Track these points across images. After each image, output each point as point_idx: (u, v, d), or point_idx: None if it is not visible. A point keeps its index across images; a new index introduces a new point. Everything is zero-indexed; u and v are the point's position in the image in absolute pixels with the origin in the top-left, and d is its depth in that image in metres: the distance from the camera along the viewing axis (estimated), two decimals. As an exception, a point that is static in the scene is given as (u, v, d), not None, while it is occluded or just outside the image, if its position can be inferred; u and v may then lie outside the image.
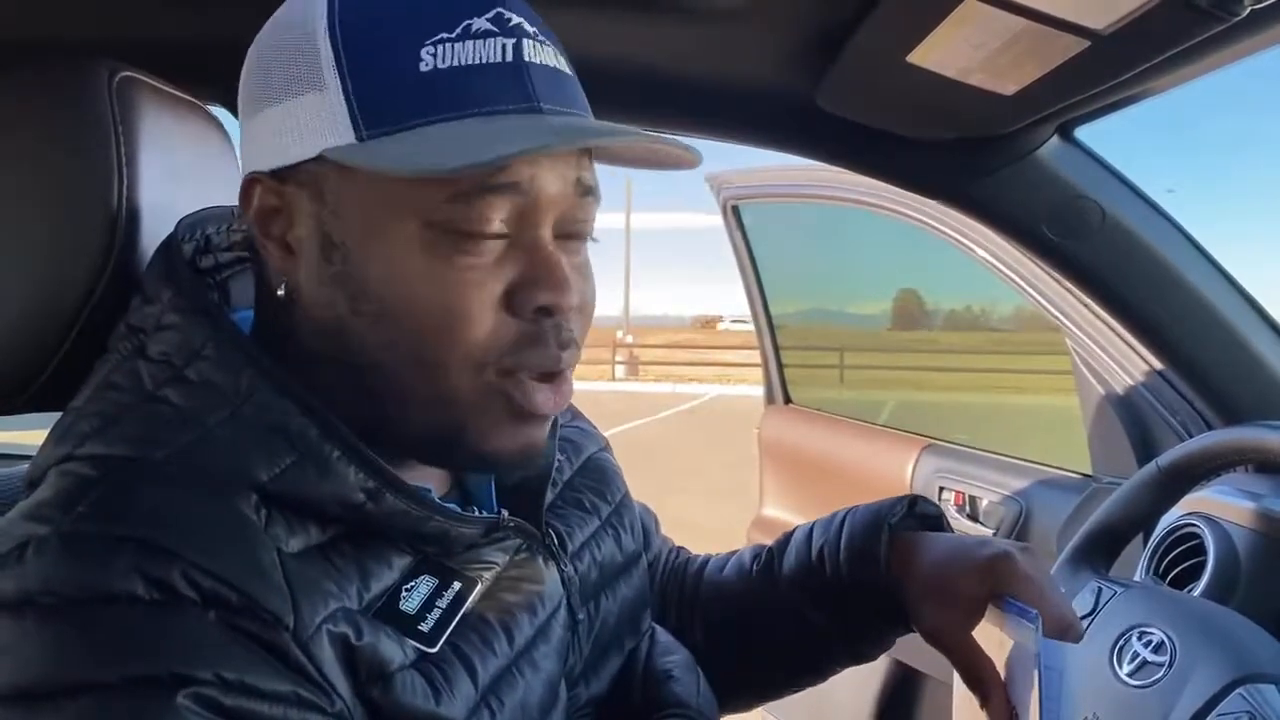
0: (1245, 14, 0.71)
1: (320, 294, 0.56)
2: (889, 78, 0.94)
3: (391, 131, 0.52)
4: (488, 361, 0.55)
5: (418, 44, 0.52)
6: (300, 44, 0.55)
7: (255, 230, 0.58)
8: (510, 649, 0.59)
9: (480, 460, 0.60)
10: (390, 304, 0.54)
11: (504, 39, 0.53)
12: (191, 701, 0.45)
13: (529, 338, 0.56)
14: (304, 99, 0.54)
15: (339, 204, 0.55)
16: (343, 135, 0.53)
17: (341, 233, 0.55)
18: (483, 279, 0.54)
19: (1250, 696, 0.76)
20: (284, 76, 0.55)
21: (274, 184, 0.56)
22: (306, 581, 0.51)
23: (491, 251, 0.54)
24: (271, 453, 0.53)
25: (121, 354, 0.57)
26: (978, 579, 0.71)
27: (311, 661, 0.49)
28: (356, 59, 0.53)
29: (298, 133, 0.54)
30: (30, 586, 0.46)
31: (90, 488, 0.51)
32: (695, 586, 0.89)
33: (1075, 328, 1.45)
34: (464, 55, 0.53)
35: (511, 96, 0.53)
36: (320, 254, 0.56)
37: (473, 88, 0.53)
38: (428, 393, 0.56)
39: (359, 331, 0.55)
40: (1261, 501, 0.99)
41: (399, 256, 0.54)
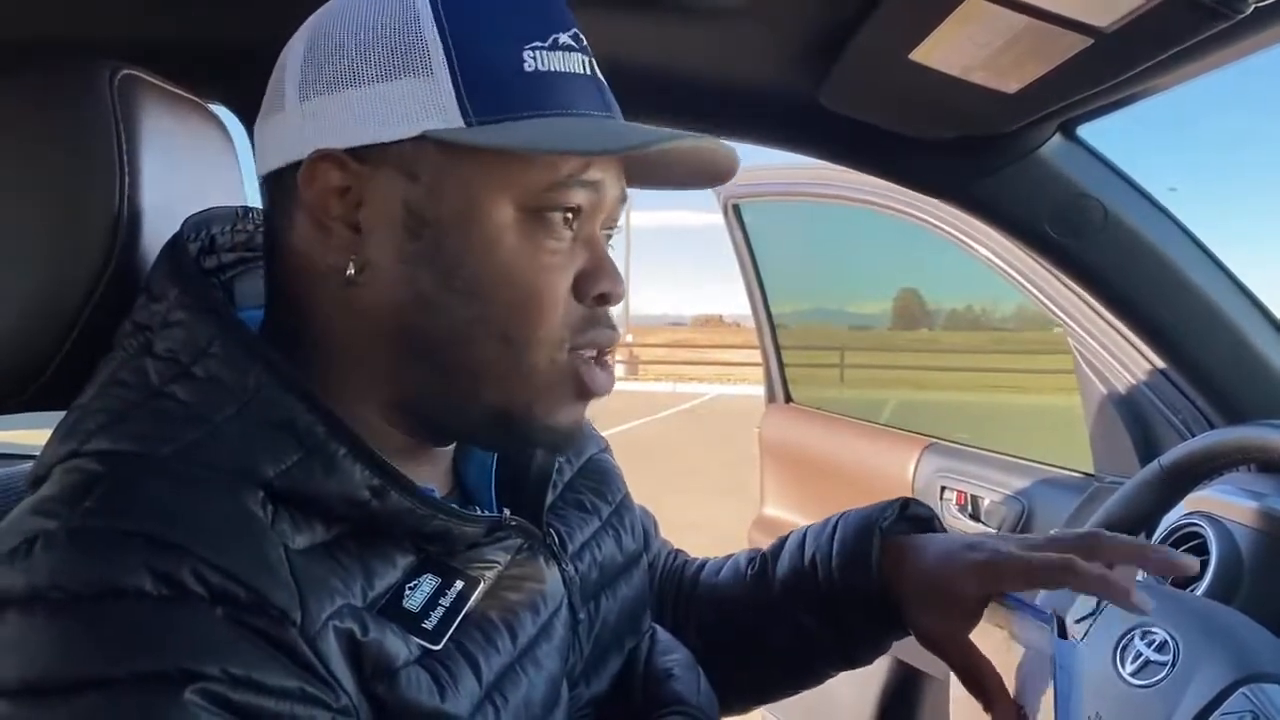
0: (1249, 11, 0.71)
1: (399, 272, 0.58)
2: (891, 76, 0.94)
3: (499, 120, 0.56)
4: (563, 340, 0.60)
5: (520, 46, 0.57)
6: (401, 32, 0.57)
7: (314, 209, 0.58)
8: (513, 647, 0.59)
9: (540, 436, 0.63)
10: (482, 282, 0.57)
11: (581, 55, 0.60)
12: (199, 697, 0.45)
13: (594, 321, 0.61)
14: (403, 83, 0.56)
15: (437, 184, 0.57)
16: (450, 119, 0.56)
17: (436, 211, 0.57)
18: (562, 264, 0.59)
19: (1253, 696, 0.76)
20: (375, 60, 0.57)
21: (351, 162, 0.57)
22: (313, 578, 0.51)
23: (567, 240, 0.59)
24: (278, 449, 0.53)
25: (128, 351, 0.57)
26: (971, 581, 0.72)
27: (318, 657, 0.49)
28: (465, 52, 0.56)
29: (392, 115, 0.56)
30: (39, 581, 0.46)
31: (97, 483, 0.51)
32: (692, 589, 0.90)
33: (1077, 326, 1.45)
34: (556, 63, 0.58)
35: (595, 103, 0.59)
36: (406, 232, 0.57)
37: (565, 91, 0.58)
38: (509, 368, 0.59)
39: (448, 307, 0.58)
40: (1264, 501, 0.99)
41: (494, 237, 0.57)
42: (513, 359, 0.59)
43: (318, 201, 0.58)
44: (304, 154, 0.57)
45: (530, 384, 0.60)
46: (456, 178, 0.57)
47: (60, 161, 0.63)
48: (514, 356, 0.59)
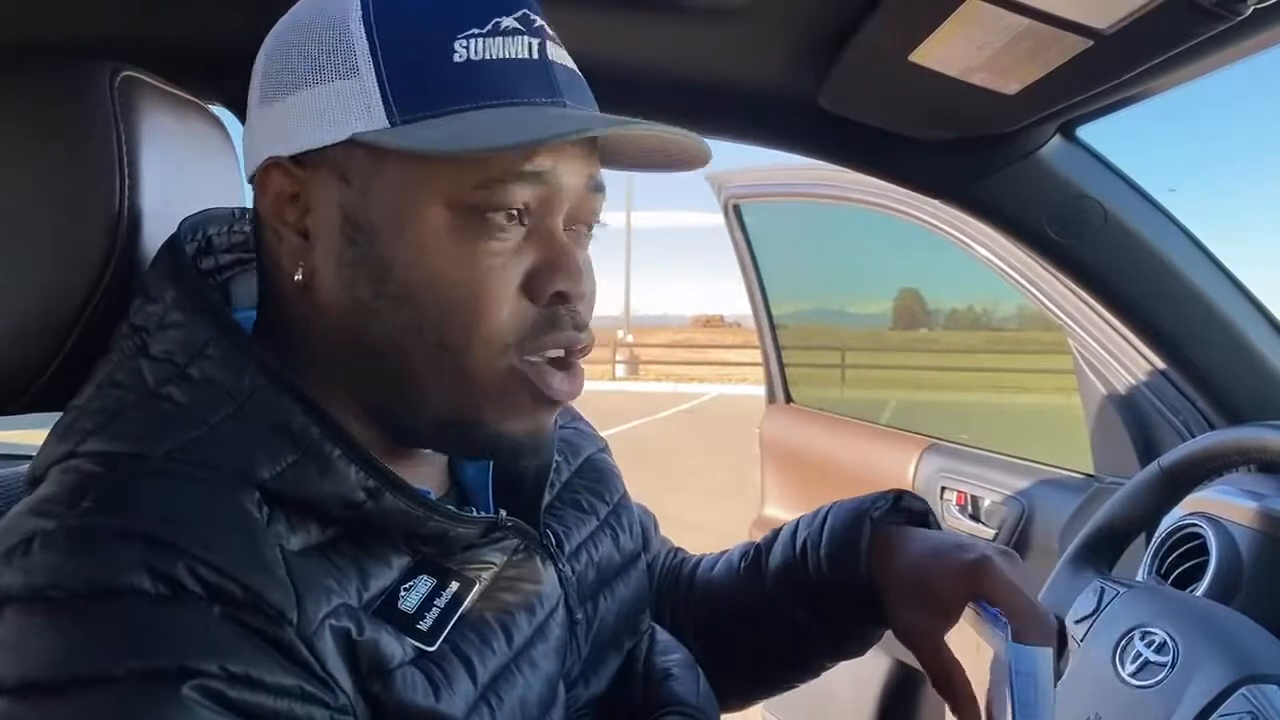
0: (1248, 13, 0.71)
1: (341, 277, 0.57)
2: (891, 77, 0.94)
3: (424, 117, 0.54)
4: (509, 344, 0.57)
5: (451, 36, 0.54)
6: (330, 32, 0.56)
7: (269, 217, 0.59)
8: (509, 648, 0.59)
9: (495, 444, 0.60)
10: (415, 286, 0.56)
11: (530, 37, 0.56)
12: (197, 694, 0.45)
13: (546, 322, 0.58)
14: (333, 85, 0.55)
15: (367, 186, 0.56)
16: (375, 120, 0.54)
17: (367, 215, 0.56)
18: (505, 264, 0.56)
19: (1253, 697, 0.76)
20: (310, 64, 0.56)
21: (295, 169, 0.57)
22: (309, 578, 0.51)
23: (513, 238, 0.56)
24: (273, 451, 0.53)
25: (124, 353, 0.57)
26: (955, 582, 0.71)
27: (315, 656, 0.49)
28: (390, 47, 0.55)
29: (325, 117, 0.56)
30: (37, 581, 0.47)
31: (95, 483, 0.51)
32: (689, 586, 0.90)
33: (1077, 327, 1.45)
34: (494, 49, 0.55)
35: (539, 90, 0.56)
36: (343, 237, 0.57)
37: (503, 79, 0.55)
38: (449, 375, 0.57)
39: (382, 314, 0.56)
40: (1264, 501, 0.99)
41: (426, 239, 0.55)
42: (452, 366, 0.56)
43: (271, 209, 0.58)
44: (259, 161, 0.58)
45: (474, 391, 0.57)
46: (384, 180, 0.56)
47: (60, 162, 0.63)
48: (453, 363, 0.56)
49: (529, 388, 0.58)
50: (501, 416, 0.58)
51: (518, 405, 0.58)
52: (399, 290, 0.56)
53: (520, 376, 0.58)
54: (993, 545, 0.73)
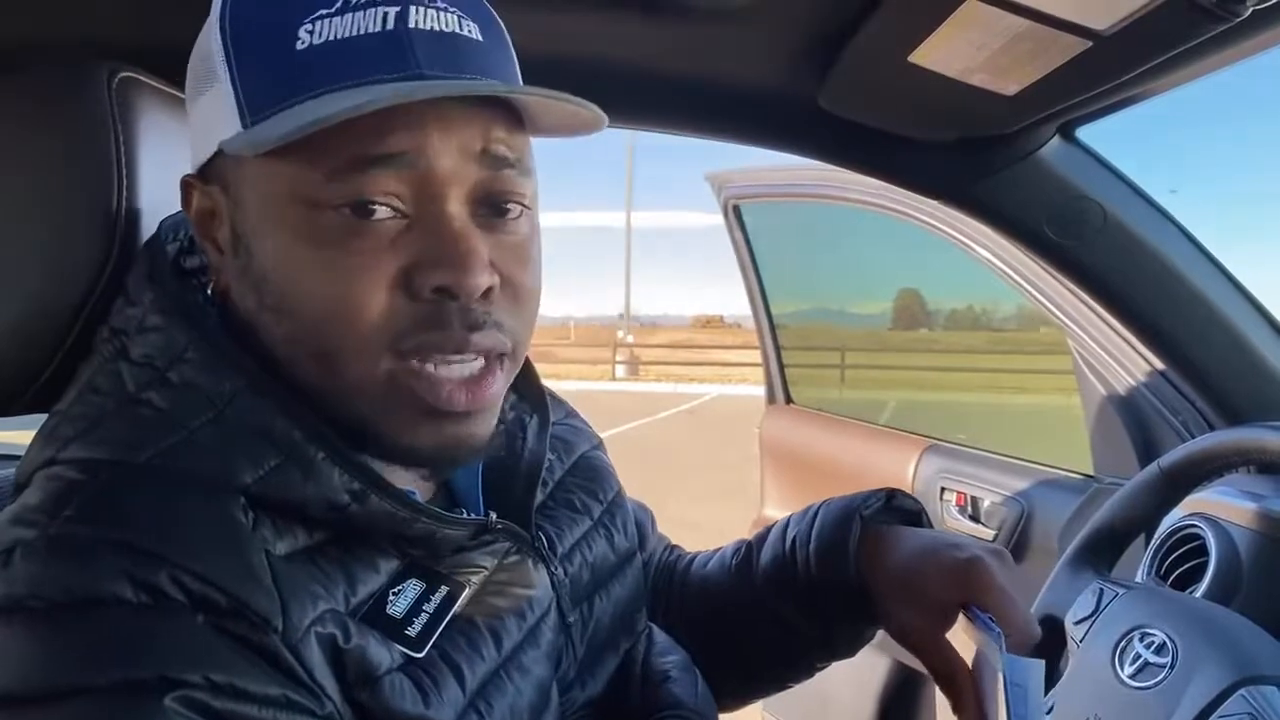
0: (1247, 14, 0.71)
1: (237, 291, 0.57)
2: (890, 78, 0.93)
3: (271, 114, 0.51)
4: (383, 347, 0.53)
5: (296, 23, 0.52)
6: (204, 44, 0.56)
7: (196, 234, 0.59)
8: (498, 654, 0.59)
9: (403, 456, 0.57)
10: (286, 294, 0.53)
11: (386, 7, 0.52)
12: (180, 705, 0.45)
13: (429, 320, 0.53)
14: (207, 96, 0.55)
15: (239, 196, 0.55)
16: (232, 125, 0.53)
17: (243, 226, 0.55)
18: (374, 261, 0.52)
19: (1252, 698, 0.76)
20: (194, 77, 0.56)
21: (201, 185, 0.57)
22: (295, 584, 0.50)
23: (385, 232, 0.52)
24: (256, 455, 0.53)
25: (104, 356, 0.57)
26: (948, 583, 0.69)
27: (301, 664, 0.49)
28: (241, 46, 0.53)
29: (203, 130, 0.56)
30: (18, 591, 0.46)
31: (76, 491, 0.50)
32: (683, 583, 0.89)
33: (1077, 328, 1.45)
34: (341, 29, 0.51)
35: (387, 65, 0.51)
36: (232, 249, 0.56)
37: (348, 59, 0.51)
38: (332, 386, 0.54)
39: (268, 326, 0.55)
40: (1263, 503, 0.99)
41: (288, 243, 0.53)
42: (332, 376, 0.54)
43: (196, 225, 0.59)
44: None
45: (360, 402, 0.54)
46: (246, 186, 0.54)
47: (59, 163, 0.63)
48: (332, 373, 0.53)
49: (412, 396, 0.54)
50: (399, 428, 0.55)
51: (411, 417, 0.54)
52: (275, 300, 0.54)
53: (403, 386, 0.53)
54: (985, 545, 0.71)
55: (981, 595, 0.68)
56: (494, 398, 0.57)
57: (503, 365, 0.57)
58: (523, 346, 0.59)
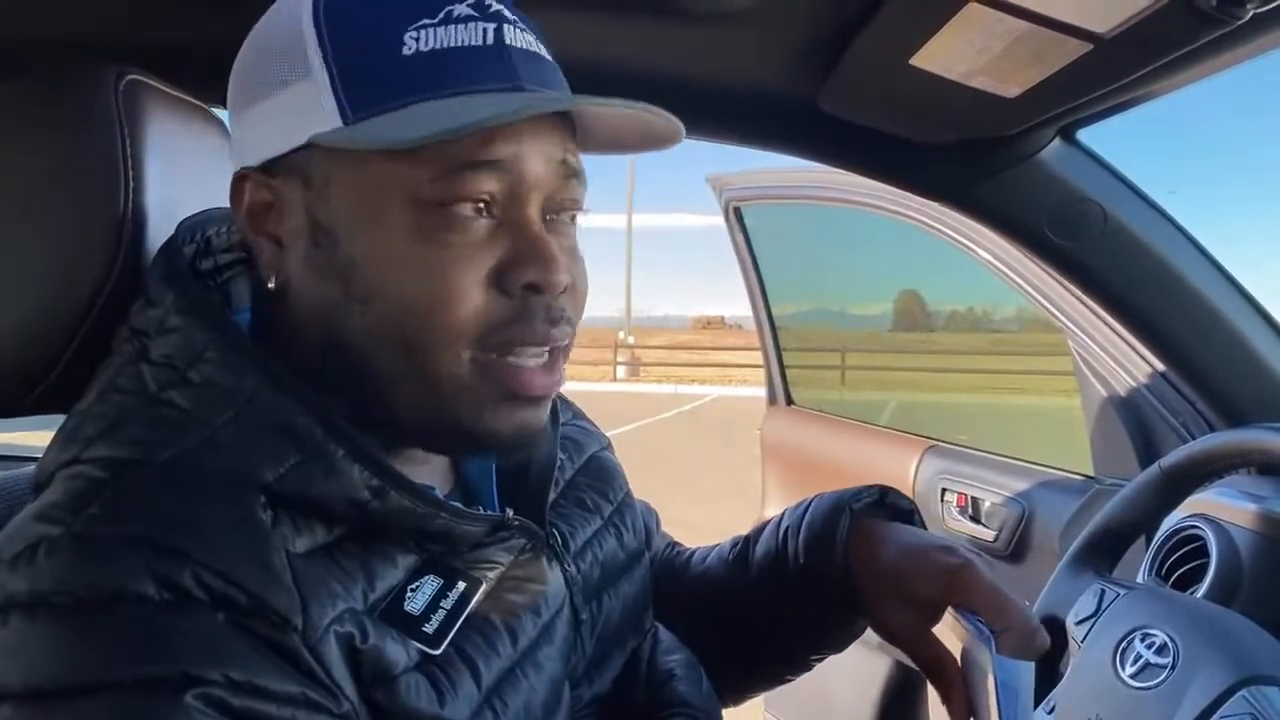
0: (1247, 18, 0.71)
1: (311, 282, 0.57)
2: (892, 80, 0.94)
3: (376, 113, 0.54)
4: (471, 339, 0.55)
5: (401, 29, 0.54)
6: (286, 37, 0.56)
7: (247, 228, 0.59)
8: (514, 650, 0.59)
9: (476, 442, 0.60)
10: (379, 286, 0.55)
11: (485, 23, 0.55)
12: (200, 702, 0.45)
13: (518, 315, 0.56)
14: (291, 89, 0.56)
15: (327, 189, 0.56)
16: (330, 120, 0.54)
17: (330, 217, 0.56)
18: (470, 257, 0.55)
19: (1253, 698, 0.76)
20: (271, 71, 0.57)
21: (263, 178, 0.58)
22: (314, 582, 0.51)
23: (478, 231, 0.55)
24: (277, 453, 0.53)
25: (125, 357, 0.57)
26: (936, 583, 0.70)
27: (319, 663, 0.49)
28: (341, 45, 0.54)
29: (286, 123, 0.56)
30: (43, 587, 0.47)
31: (101, 489, 0.51)
32: (682, 578, 0.89)
33: (1077, 329, 1.45)
34: (446, 39, 0.54)
35: (494, 76, 0.55)
36: (310, 241, 0.57)
37: (455, 68, 0.54)
38: (417, 374, 0.56)
39: (351, 316, 0.56)
40: (1264, 503, 1.00)
41: (386, 238, 0.55)
42: (419, 365, 0.56)
43: (246, 219, 0.59)
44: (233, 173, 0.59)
45: (445, 390, 0.56)
46: (341, 181, 0.56)
47: (65, 165, 0.63)
48: (420, 363, 0.56)
49: (498, 384, 0.57)
50: (477, 415, 0.57)
51: (491, 402, 0.57)
52: (362, 291, 0.55)
53: (487, 372, 0.56)
54: (974, 551, 0.72)
55: (970, 598, 0.68)
56: (560, 386, 0.61)
57: (564, 357, 0.61)
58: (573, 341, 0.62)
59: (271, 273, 0.58)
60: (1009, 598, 0.68)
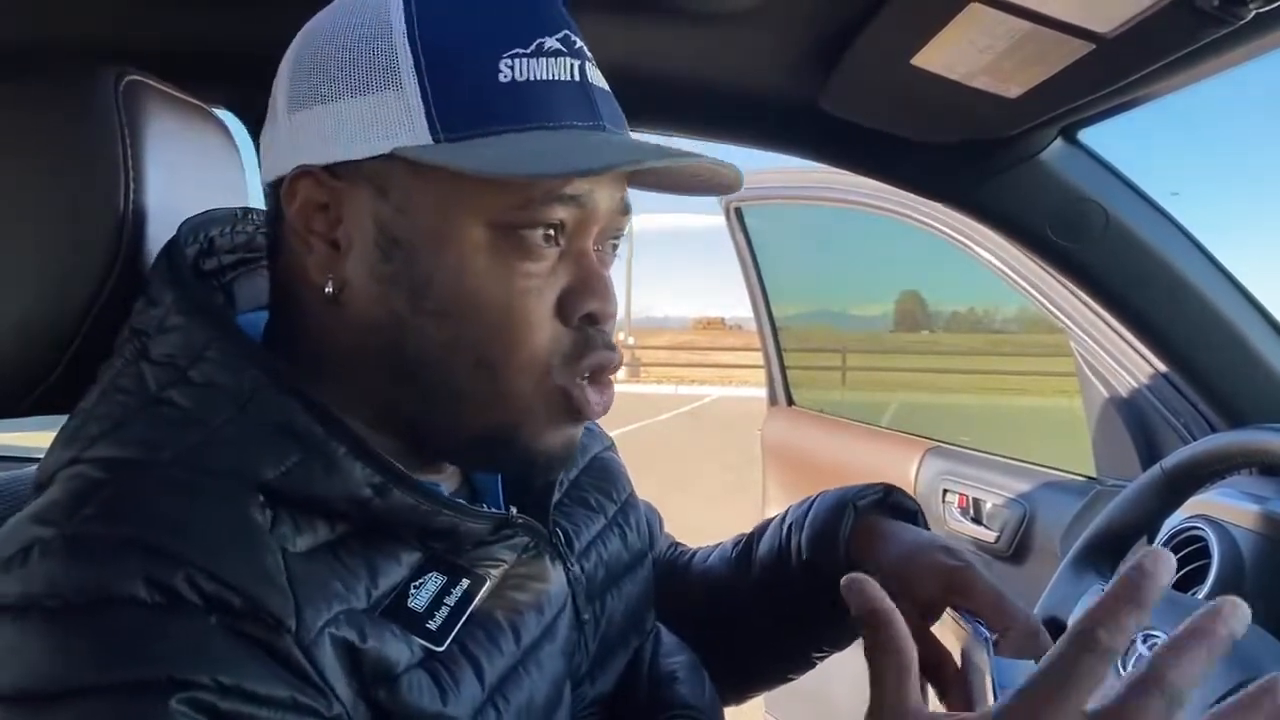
0: (1249, 17, 0.71)
1: (374, 291, 0.57)
2: (893, 80, 0.94)
3: (469, 136, 0.54)
4: (549, 365, 0.57)
5: (496, 56, 0.54)
6: (372, 43, 0.55)
7: (297, 226, 0.58)
8: (517, 648, 0.59)
9: (528, 459, 0.60)
10: (453, 304, 0.56)
11: (572, 59, 0.56)
12: (187, 706, 0.45)
13: (582, 343, 0.58)
14: (373, 98, 0.55)
15: (406, 202, 0.55)
16: (418, 135, 0.54)
17: (406, 230, 0.56)
18: (541, 285, 0.56)
19: (1255, 700, 0.76)
20: (349, 73, 0.56)
21: (328, 179, 0.57)
22: (312, 583, 0.51)
23: (548, 259, 0.57)
24: (277, 451, 0.53)
25: (126, 357, 0.57)
26: (937, 583, 0.70)
27: (312, 665, 0.49)
28: (436, 64, 0.54)
29: (365, 129, 0.55)
30: (34, 589, 0.46)
31: (97, 490, 0.51)
32: (685, 577, 0.89)
33: (1079, 330, 1.45)
34: (539, 71, 0.55)
35: (581, 114, 0.56)
36: (378, 250, 0.56)
37: (547, 101, 0.55)
38: (487, 393, 0.57)
39: (420, 329, 0.56)
40: (1266, 504, 0.99)
41: (465, 257, 0.55)
42: (492, 383, 0.57)
43: (299, 217, 0.58)
44: (288, 168, 0.57)
45: (514, 408, 0.58)
46: (426, 196, 0.55)
47: (65, 166, 0.63)
48: (493, 381, 0.57)
49: (566, 405, 0.58)
50: (537, 432, 0.59)
51: (553, 422, 0.59)
52: (437, 306, 0.56)
53: (562, 396, 0.58)
54: (976, 555, 0.73)
55: (970, 599, 0.68)
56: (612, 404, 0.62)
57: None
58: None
59: (327, 275, 0.58)
60: (1009, 600, 0.68)
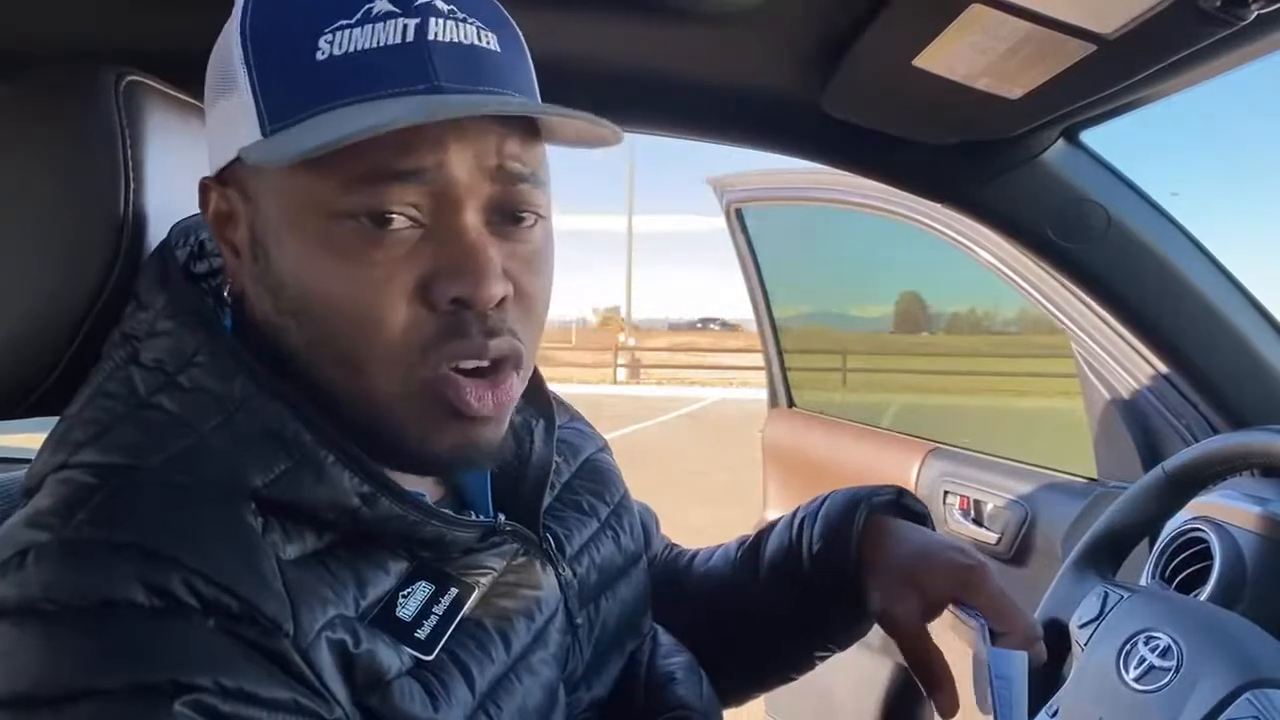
0: (1251, 18, 0.71)
1: (254, 294, 0.57)
2: (895, 81, 0.94)
3: (290, 124, 0.52)
4: (410, 358, 0.53)
5: (316, 33, 0.52)
6: (223, 48, 0.56)
7: (215, 235, 0.59)
8: (507, 655, 0.59)
9: (422, 462, 0.58)
10: (305, 302, 0.54)
11: (405, 19, 0.52)
12: (190, 709, 0.45)
13: (450, 330, 0.53)
14: (225, 100, 0.55)
15: (259, 202, 0.56)
16: (252, 132, 0.53)
17: (262, 230, 0.56)
18: (392, 272, 0.52)
19: (1257, 701, 0.76)
20: (214, 81, 0.57)
21: (219, 187, 0.58)
22: (305, 588, 0.51)
23: (402, 243, 0.53)
24: (266, 458, 0.53)
25: (115, 361, 0.57)
26: (947, 583, 0.72)
27: (311, 668, 0.49)
28: (262, 55, 0.53)
29: (223, 134, 0.56)
30: (32, 593, 0.46)
31: (90, 494, 0.50)
32: (684, 579, 0.89)
33: (1080, 331, 1.45)
34: (361, 40, 0.51)
35: (407, 77, 0.52)
36: (250, 253, 0.57)
37: (369, 71, 0.51)
38: (357, 392, 0.55)
39: (287, 330, 0.56)
40: (1267, 506, 0.99)
41: (307, 252, 0.53)
42: (357, 382, 0.54)
43: (212, 226, 0.59)
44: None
45: (387, 407, 0.54)
46: (266, 193, 0.55)
47: (65, 167, 0.63)
48: (357, 379, 0.54)
49: (442, 403, 0.54)
50: (421, 433, 0.55)
51: (434, 421, 0.55)
52: (292, 305, 0.55)
53: (431, 391, 0.54)
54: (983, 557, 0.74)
55: (978, 598, 0.70)
56: (511, 402, 0.58)
57: (518, 371, 0.57)
58: (533, 353, 0.59)
59: (229, 280, 0.59)
60: (1015, 605, 0.70)
